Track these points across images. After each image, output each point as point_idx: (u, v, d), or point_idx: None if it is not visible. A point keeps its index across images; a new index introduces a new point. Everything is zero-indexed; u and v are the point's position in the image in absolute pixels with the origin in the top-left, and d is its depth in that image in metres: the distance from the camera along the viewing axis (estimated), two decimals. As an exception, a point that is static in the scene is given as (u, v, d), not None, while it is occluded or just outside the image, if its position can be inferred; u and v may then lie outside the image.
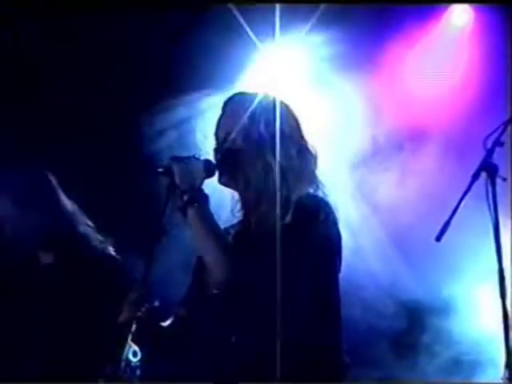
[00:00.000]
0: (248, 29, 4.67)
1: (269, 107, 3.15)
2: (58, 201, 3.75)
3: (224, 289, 3.05)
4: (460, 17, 5.54)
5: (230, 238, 3.14)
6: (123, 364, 2.89)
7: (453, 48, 5.55)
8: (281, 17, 3.97)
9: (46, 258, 3.72)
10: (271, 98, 3.19)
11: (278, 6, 3.94)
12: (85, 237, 3.75)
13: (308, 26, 4.97)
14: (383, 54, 5.41)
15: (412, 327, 5.55)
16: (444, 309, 5.44)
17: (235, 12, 4.57)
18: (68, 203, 3.78)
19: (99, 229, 3.82)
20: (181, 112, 5.11)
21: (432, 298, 5.42)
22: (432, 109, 5.49)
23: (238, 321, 3.03)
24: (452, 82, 5.50)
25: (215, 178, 3.15)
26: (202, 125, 4.49)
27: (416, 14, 5.39)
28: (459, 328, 5.45)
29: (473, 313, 5.45)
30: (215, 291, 3.08)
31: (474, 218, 3.63)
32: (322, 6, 4.81)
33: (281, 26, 4.08)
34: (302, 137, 3.20)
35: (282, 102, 3.19)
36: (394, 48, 5.43)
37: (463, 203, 3.16)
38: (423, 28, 5.50)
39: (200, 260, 3.19)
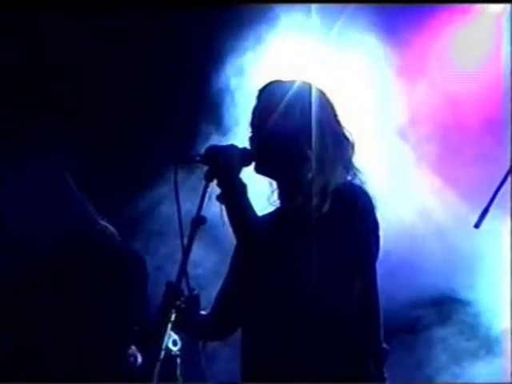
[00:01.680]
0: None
1: (304, 95, 3.13)
2: (73, 198, 3.74)
3: (260, 276, 3.05)
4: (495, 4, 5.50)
5: (267, 226, 3.14)
6: (163, 353, 2.88)
7: (488, 36, 5.51)
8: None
9: (65, 255, 3.69)
10: (306, 85, 3.18)
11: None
12: (102, 232, 3.74)
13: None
14: (413, 45, 5.40)
15: (436, 320, 5.52)
16: (470, 302, 5.40)
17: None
18: (84, 200, 3.77)
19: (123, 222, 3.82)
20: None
21: (459, 291, 5.39)
22: (466, 98, 5.47)
23: (274, 311, 3.02)
24: (487, 71, 5.46)
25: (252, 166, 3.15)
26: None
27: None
28: (486, 323, 5.42)
29: (498, 307, 5.41)
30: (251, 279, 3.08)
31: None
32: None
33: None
34: (338, 124, 3.18)
35: (317, 90, 3.17)
36: (425, 38, 5.40)
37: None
38: (456, 15, 5.47)
39: (237, 249, 3.20)
